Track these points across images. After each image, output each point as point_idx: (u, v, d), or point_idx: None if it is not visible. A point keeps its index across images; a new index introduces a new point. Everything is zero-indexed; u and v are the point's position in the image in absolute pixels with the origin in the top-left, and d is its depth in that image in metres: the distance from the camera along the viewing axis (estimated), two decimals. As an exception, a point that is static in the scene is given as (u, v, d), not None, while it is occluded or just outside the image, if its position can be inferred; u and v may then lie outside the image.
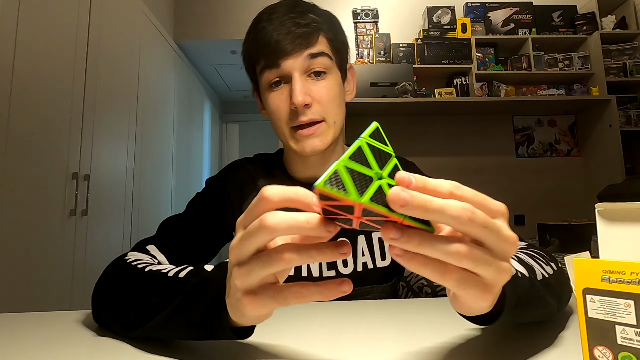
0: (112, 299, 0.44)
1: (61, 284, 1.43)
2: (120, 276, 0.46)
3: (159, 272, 0.41)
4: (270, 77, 0.58)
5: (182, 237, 0.62)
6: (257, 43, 0.58)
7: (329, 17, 0.63)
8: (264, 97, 0.61)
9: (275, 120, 0.60)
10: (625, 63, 2.55)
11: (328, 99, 0.58)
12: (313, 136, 0.58)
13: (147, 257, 0.54)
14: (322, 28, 0.59)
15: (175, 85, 2.70)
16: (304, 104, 0.56)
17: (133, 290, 0.42)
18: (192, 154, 3.00)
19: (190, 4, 2.84)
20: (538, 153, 2.70)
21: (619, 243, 0.30)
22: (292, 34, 0.55)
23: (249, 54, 0.61)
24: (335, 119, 0.60)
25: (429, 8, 2.67)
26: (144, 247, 0.57)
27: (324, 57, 0.58)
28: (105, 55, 1.76)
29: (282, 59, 0.56)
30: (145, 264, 0.46)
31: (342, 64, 0.63)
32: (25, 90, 1.28)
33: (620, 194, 1.90)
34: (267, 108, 0.61)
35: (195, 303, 0.34)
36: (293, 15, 0.57)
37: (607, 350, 0.26)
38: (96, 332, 0.46)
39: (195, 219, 0.65)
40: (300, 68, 0.56)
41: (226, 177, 0.70)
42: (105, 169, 1.75)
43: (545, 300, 0.38)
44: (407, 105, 2.39)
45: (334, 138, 0.61)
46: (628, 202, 0.30)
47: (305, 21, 0.57)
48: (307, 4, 0.61)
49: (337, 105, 0.60)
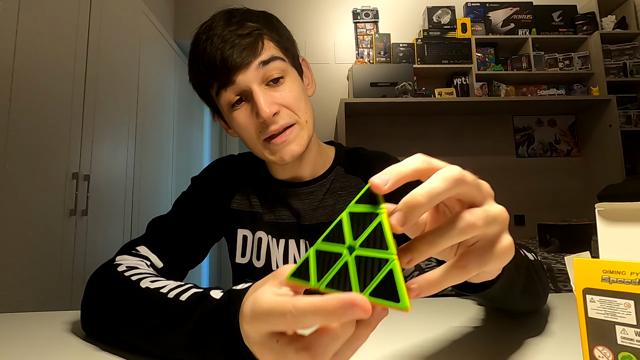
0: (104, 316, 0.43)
1: (61, 284, 1.43)
2: (112, 290, 0.44)
3: (157, 291, 0.39)
4: (229, 96, 0.56)
5: (172, 236, 0.61)
6: (204, 67, 0.56)
7: (267, 18, 0.61)
8: (228, 118, 0.60)
9: (245, 138, 0.59)
10: (625, 63, 2.55)
11: (294, 101, 0.57)
12: (288, 142, 0.56)
13: (137, 260, 0.53)
14: (264, 32, 0.57)
15: (175, 85, 2.70)
16: (272, 115, 0.54)
17: (127, 310, 0.40)
18: (192, 154, 3.00)
19: (190, 4, 2.84)
20: (538, 153, 2.70)
21: (619, 243, 0.30)
22: (236, 47, 0.53)
23: (198, 80, 0.59)
24: (306, 117, 0.59)
25: (429, 8, 2.67)
26: (134, 248, 0.56)
27: (275, 61, 0.56)
28: (105, 55, 1.76)
29: (234, 75, 0.54)
30: (140, 275, 0.44)
31: (295, 60, 0.62)
32: (25, 90, 1.28)
33: (620, 194, 1.90)
34: (234, 128, 0.60)
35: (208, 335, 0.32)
36: (232, 28, 0.55)
37: (607, 350, 0.26)
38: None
39: (184, 219, 0.64)
40: (256, 79, 0.54)
41: (211, 176, 0.70)
42: (105, 169, 1.75)
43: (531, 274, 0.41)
44: (407, 105, 2.39)
45: (309, 138, 0.60)
46: (628, 202, 0.30)
47: (246, 31, 0.55)
48: (240, 12, 0.59)
49: (304, 104, 0.59)
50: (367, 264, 0.22)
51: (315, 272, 0.24)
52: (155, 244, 0.58)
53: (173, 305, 0.37)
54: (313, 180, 0.65)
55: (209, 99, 0.60)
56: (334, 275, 0.23)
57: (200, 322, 0.33)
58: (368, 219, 0.23)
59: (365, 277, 0.21)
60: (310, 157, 0.64)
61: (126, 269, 0.47)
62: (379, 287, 0.20)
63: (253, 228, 0.66)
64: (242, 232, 0.67)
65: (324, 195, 0.64)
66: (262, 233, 0.65)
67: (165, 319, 0.36)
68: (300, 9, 2.81)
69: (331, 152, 0.69)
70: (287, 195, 0.65)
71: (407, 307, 0.19)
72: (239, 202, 0.68)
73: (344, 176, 0.66)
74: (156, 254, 0.56)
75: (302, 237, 0.64)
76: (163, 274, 0.53)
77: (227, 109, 0.58)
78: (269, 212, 0.66)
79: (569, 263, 0.29)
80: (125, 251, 0.56)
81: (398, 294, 0.20)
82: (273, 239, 0.65)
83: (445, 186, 0.23)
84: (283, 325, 0.23)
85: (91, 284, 0.48)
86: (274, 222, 0.65)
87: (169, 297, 0.38)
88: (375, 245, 0.22)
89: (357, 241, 0.23)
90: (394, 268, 0.20)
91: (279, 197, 0.66)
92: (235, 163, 0.72)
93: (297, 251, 0.64)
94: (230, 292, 0.34)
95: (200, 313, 0.34)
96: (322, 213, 0.63)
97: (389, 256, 0.21)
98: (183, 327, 0.34)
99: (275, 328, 0.24)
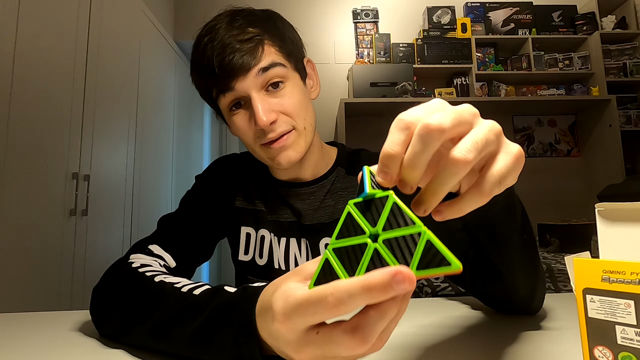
0: (116, 309, 0.43)
1: (61, 284, 1.43)
2: (125, 283, 0.45)
3: (171, 285, 0.40)
4: (228, 101, 0.56)
5: (183, 235, 0.62)
6: (203, 71, 0.55)
7: (271, 19, 0.60)
8: (228, 120, 0.60)
9: (244, 142, 0.59)
10: (625, 63, 2.55)
11: (293, 108, 0.56)
12: (285, 147, 0.56)
13: (151, 259, 0.54)
14: (266, 37, 0.56)
15: (175, 85, 2.70)
16: (269, 123, 0.53)
17: (140, 303, 0.40)
18: (192, 154, 3.00)
19: (190, 4, 2.84)
20: (538, 153, 2.70)
21: (619, 243, 0.30)
22: (237, 52, 0.53)
23: (198, 83, 0.59)
24: (304, 124, 0.58)
25: (429, 8, 2.67)
26: (146, 247, 0.56)
27: (275, 67, 0.55)
28: (105, 55, 1.76)
29: (233, 81, 0.53)
30: (153, 272, 0.45)
31: (298, 64, 0.61)
32: (25, 90, 1.28)
33: (620, 194, 1.90)
34: (233, 131, 0.60)
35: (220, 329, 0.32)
36: (233, 32, 0.54)
37: (607, 350, 0.26)
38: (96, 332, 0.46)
39: (192, 217, 0.65)
40: (255, 86, 0.54)
41: (215, 175, 0.70)
42: (105, 169, 1.75)
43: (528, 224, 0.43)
44: (407, 105, 2.33)
45: (308, 145, 0.59)
46: (628, 202, 0.30)
47: (247, 36, 0.54)
48: (244, 13, 0.58)
49: (304, 110, 0.58)
50: (399, 243, 0.21)
51: (343, 269, 0.23)
52: (168, 242, 0.59)
53: (186, 299, 0.37)
54: (314, 180, 0.65)
55: (210, 100, 0.60)
56: (367, 265, 0.22)
57: (213, 315, 0.33)
58: (379, 204, 0.23)
59: (404, 256, 0.21)
60: (312, 159, 0.64)
61: (140, 266, 0.47)
62: (422, 259, 0.20)
63: (256, 226, 0.67)
64: (246, 229, 0.67)
65: (324, 195, 0.64)
66: (265, 231, 0.66)
67: (177, 312, 0.36)
68: (300, 9, 2.81)
69: (333, 152, 0.69)
70: (288, 195, 0.65)
71: (460, 267, 0.19)
72: (242, 200, 0.68)
73: (344, 177, 0.66)
74: (169, 252, 0.57)
75: (303, 236, 0.64)
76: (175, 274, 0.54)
77: (226, 113, 0.58)
78: (271, 211, 0.66)
79: (569, 263, 0.29)
80: (138, 250, 0.56)
81: (447, 259, 0.19)
82: (275, 237, 0.65)
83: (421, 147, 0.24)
84: (324, 314, 0.22)
85: (104, 279, 0.49)
86: (276, 220, 0.66)
87: (182, 291, 0.38)
88: (399, 225, 0.22)
89: (378, 227, 0.23)
90: (430, 237, 0.20)
91: (281, 197, 0.66)
92: (238, 162, 0.72)
93: (297, 250, 0.64)
94: (246, 287, 0.33)
95: (213, 306, 0.34)
96: (322, 213, 0.63)
97: (419, 229, 0.21)
98: (195, 320, 0.34)
99: (314, 320, 0.22)
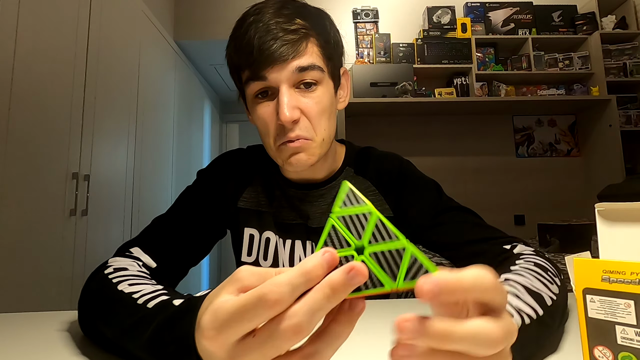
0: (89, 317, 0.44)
1: (61, 284, 1.43)
2: (96, 291, 0.45)
3: (129, 295, 0.39)
4: (256, 88, 0.54)
5: (169, 234, 0.60)
6: (241, 51, 0.53)
7: (320, 17, 0.58)
8: (250, 107, 0.58)
9: (262, 134, 0.58)
10: (625, 63, 2.55)
11: (317, 113, 0.54)
12: (300, 149, 0.54)
13: (129, 261, 0.53)
14: (312, 34, 0.54)
15: (175, 85, 2.70)
16: (292, 121, 0.52)
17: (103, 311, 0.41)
18: (192, 154, 3.00)
19: (190, 4, 2.84)
20: (538, 153, 2.69)
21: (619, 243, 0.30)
22: (278, 41, 0.50)
23: (232, 60, 0.57)
24: (323, 135, 0.56)
25: (429, 8, 2.67)
26: (127, 249, 0.56)
27: (314, 70, 0.53)
28: (105, 55, 1.76)
29: (267, 71, 0.51)
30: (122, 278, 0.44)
31: (335, 71, 0.59)
32: (25, 90, 1.28)
33: (620, 194, 1.90)
34: (254, 120, 0.58)
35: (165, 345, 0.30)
36: (280, 19, 0.52)
37: (607, 350, 0.26)
38: (96, 332, 0.46)
39: (186, 214, 0.62)
40: (287, 81, 0.52)
41: (219, 171, 0.68)
42: (105, 169, 1.75)
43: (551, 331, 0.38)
44: (407, 105, 2.39)
45: (322, 154, 0.58)
46: (628, 202, 0.30)
47: (293, 27, 0.52)
48: (296, 4, 0.56)
49: (327, 119, 0.56)
50: (385, 256, 0.23)
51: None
52: (149, 244, 0.57)
53: (138, 312, 0.36)
54: (323, 182, 0.63)
55: (239, 81, 0.58)
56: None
57: (158, 330, 0.32)
58: (362, 218, 0.24)
59: (391, 268, 0.22)
60: (324, 165, 0.63)
61: (112, 271, 0.47)
62: (408, 271, 0.22)
63: (260, 227, 0.65)
64: (249, 231, 0.66)
65: (333, 198, 0.63)
66: (270, 233, 0.64)
67: (130, 325, 0.35)
68: (300, 9, 2.81)
69: (341, 150, 0.67)
70: (296, 197, 0.64)
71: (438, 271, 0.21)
72: (246, 200, 0.66)
73: (353, 178, 0.64)
74: (149, 254, 0.56)
75: (309, 238, 0.63)
76: (157, 274, 0.53)
77: (250, 99, 0.57)
78: (277, 212, 0.65)
79: (569, 263, 0.29)
80: (119, 252, 0.56)
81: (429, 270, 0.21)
82: (280, 239, 0.64)
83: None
84: (261, 315, 0.21)
85: (84, 286, 0.49)
86: (282, 222, 0.64)
87: (138, 302, 0.37)
88: (384, 239, 0.23)
89: (364, 240, 0.23)
90: (414, 251, 0.22)
91: (288, 198, 0.65)
92: (244, 157, 0.70)
93: (302, 252, 0.63)
94: (190, 299, 0.32)
95: (159, 321, 0.32)
96: None
97: (403, 243, 0.22)
98: (143, 335, 0.33)
99: (247, 327, 0.21)
